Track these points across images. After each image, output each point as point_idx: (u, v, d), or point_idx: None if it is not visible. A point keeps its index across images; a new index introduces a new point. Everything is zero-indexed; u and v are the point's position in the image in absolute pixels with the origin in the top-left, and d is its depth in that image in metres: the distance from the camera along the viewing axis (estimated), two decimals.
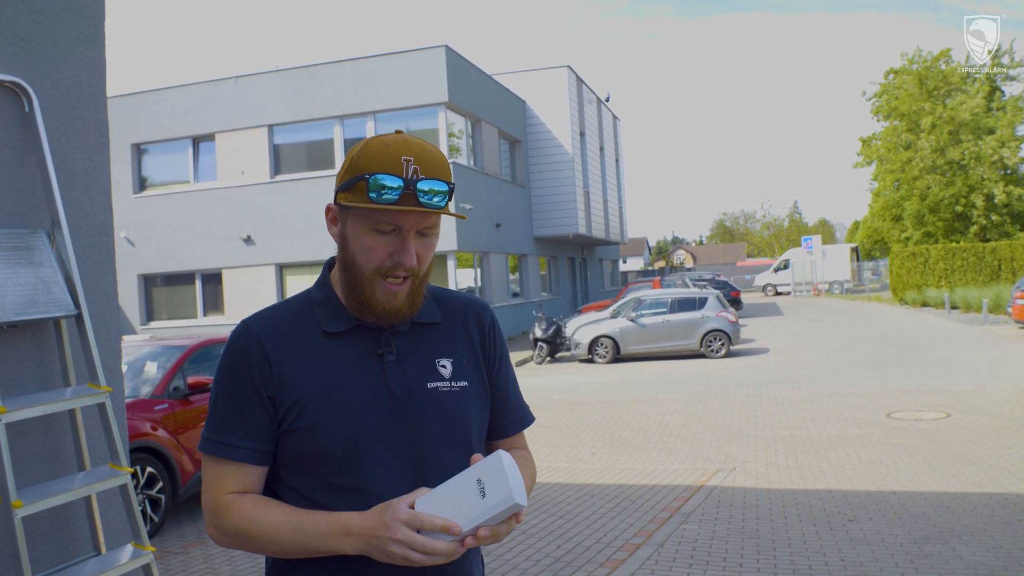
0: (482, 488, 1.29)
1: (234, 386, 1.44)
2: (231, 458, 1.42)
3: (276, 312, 1.50)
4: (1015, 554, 4.87)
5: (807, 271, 44.18)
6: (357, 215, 1.42)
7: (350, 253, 1.44)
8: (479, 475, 1.30)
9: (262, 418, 1.42)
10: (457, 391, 1.51)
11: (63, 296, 3.24)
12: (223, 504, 1.42)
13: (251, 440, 1.42)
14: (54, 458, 3.28)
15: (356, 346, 1.46)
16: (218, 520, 1.43)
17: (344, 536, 1.33)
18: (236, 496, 1.42)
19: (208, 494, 1.45)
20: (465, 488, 1.30)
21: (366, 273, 1.42)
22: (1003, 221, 39.20)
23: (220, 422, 1.44)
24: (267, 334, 1.45)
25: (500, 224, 24.00)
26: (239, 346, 1.45)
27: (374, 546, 1.31)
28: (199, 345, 7.65)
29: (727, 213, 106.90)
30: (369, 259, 1.42)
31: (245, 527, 1.40)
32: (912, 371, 13.35)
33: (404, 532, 1.27)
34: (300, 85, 21.69)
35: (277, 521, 1.38)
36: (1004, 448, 7.68)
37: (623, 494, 6.93)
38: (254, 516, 1.39)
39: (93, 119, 3.57)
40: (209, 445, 1.44)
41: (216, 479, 1.44)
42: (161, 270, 22.80)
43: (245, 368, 1.43)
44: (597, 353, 17.98)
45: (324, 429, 1.40)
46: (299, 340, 1.45)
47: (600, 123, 33.88)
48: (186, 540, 6.36)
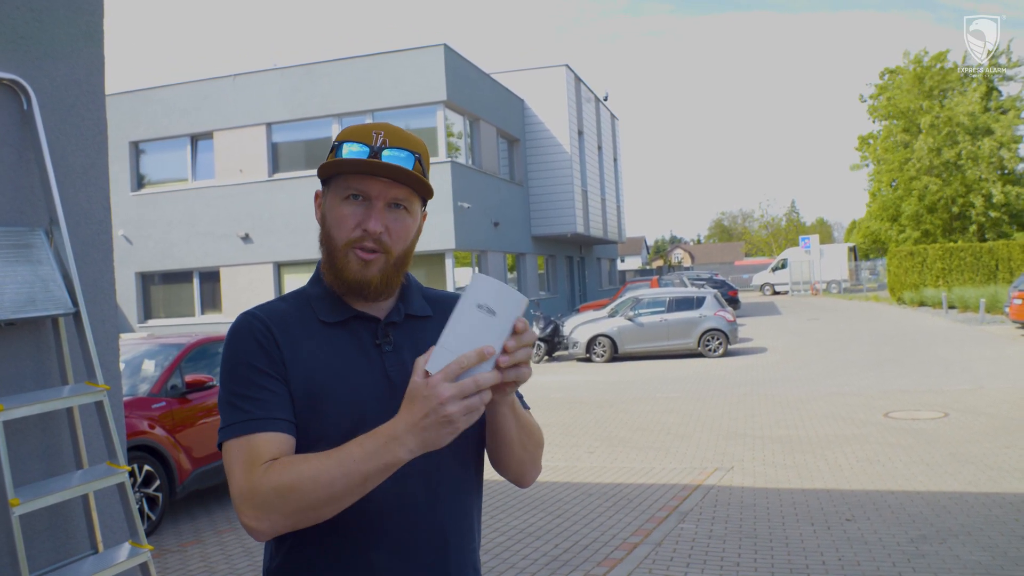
0: (487, 309, 1.25)
1: (249, 365, 1.40)
2: (265, 430, 1.35)
3: (275, 305, 1.51)
4: (1012, 553, 4.88)
5: (805, 270, 44.24)
6: (333, 190, 1.47)
7: (327, 228, 1.48)
8: (476, 300, 1.26)
9: (283, 392, 1.40)
10: None
11: (61, 294, 3.24)
12: (256, 477, 1.31)
13: (282, 411, 1.38)
14: (51, 456, 3.27)
15: (354, 336, 1.48)
16: (253, 496, 1.31)
17: (393, 441, 1.26)
18: (267, 465, 1.33)
19: (237, 479, 1.33)
20: (471, 319, 1.25)
21: (339, 245, 1.46)
22: (1001, 220, 39.28)
23: (242, 401, 1.38)
24: (272, 321, 1.45)
25: (498, 223, 24.01)
26: (246, 330, 1.44)
27: (429, 426, 1.24)
28: (197, 343, 7.64)
29: (725, 212, 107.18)
30: (340, 229, 1.45)
31: (288, 480, 1.29)
32: (910, 371, 13.37)
33: (449, 388, 1.22)
34: (299, 83, 21.68)
35: (319, 460, 1.29)
36: (1001, 448, 7.70)
37: (621, 493, 6.93)
38: (294, 467, 1.30)
39: (92, 117, 3.57)
40: (235, 428, 1.36)
41: (246, 457, 1.34)
42: (159, 268, 22.79)
43: (257, 349, 1.41)
44: (595, 352, 17.98)
45: (329, 416, 1.40)
46: (300, 330, 1.46)
47: (598, 122, 33.89)
48: (183, 538, 6.35)
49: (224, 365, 1.44)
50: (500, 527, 6.12)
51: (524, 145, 28.06)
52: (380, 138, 1.44)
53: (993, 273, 29.20)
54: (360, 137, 1.44)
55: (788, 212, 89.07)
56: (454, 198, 20.41)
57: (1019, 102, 39.43)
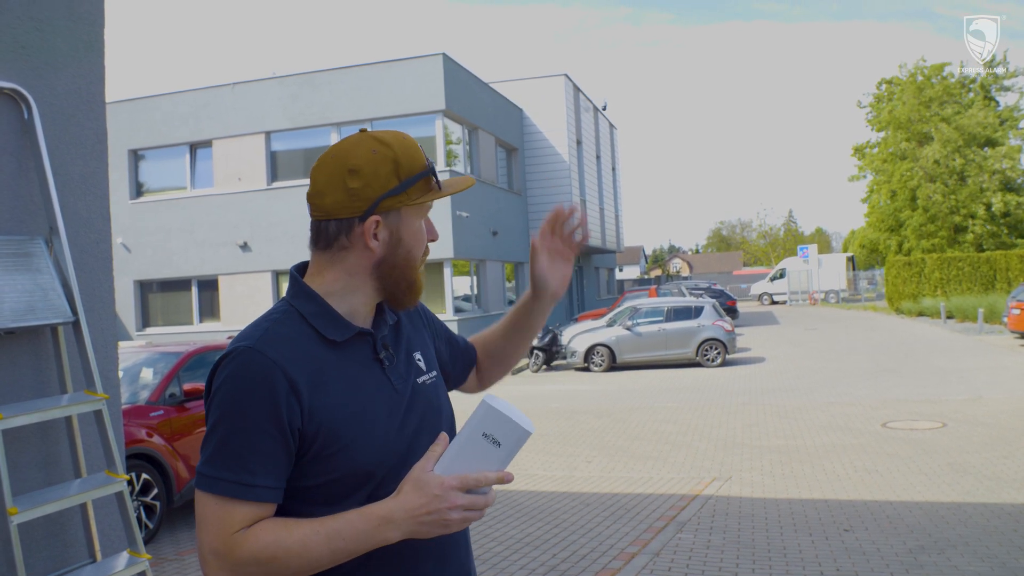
0: (492, 439, 1.30)
1: (253, 421, 1.30)
2: (250, 499, 1.29)
3: (277, 332, 1.38)
4: (1011, 564, 4.88)
5: (803, 280, 44.29)
6: (412, 210, 1.46)
7: (405, 249, 1.46)
8: (482, 429, 1.30)
9: (281, 454, 1.32)
10: (434, 381, 1.57)
11: (60, 303, 3.25)
12: (234, 540, 1.28)
13: (271, 478, 1.31)
14: (50, 465, 3.27)
15: (357, 355, 1.45)
16: (227, 558, 1.28)
17: (386, 524, 1.28)
18: (246, 529, 1.29)
19: (211, 536, 1.29)
20: (476, 446, 1.31)
21: (417, 262, 1.49)
22: (1000, 231, 39.38)
23: (233, 459, 1.29)
24: (286, 360, 1.33)
25: (497, 232, 24.03)
26: (260, 376, 1.31)
27: (427, 522, 1.27)
28: (195, 352, 7.64)
29: (723, 222, 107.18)
30: (420, 245, 1.48)
31: (271, 551, 1.27)
32: (908, 381, 13.37)
33: (463, 497, 1.28)
34: (298, 92, 21.72)
35: (304, 534, 1.28)
36: (999, 458, 7.70)
37: (619, 503, 6.93)
38: (276, 538, 1.28)
39: (92, 126, 3.58)
40: (220, 485, 1.29)
41: (223, 520, 1.29)
42: (157, 276, 22.78)
43: (269, 401, 1.30)
44: (593, 362, 17.98)
45: (358, 446, 1.36)
46: (311, 359, 1.37)
47: (597, 131, 33.97)
48: (181, 547, 6.34)
49: (227, 403, 1.32)
50: (498, 536, 6.11)
51: (523, 154, 28.12)
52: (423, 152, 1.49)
53: (991, 283, 29.23)
54: (421, 155, 1.47)
55: (786, 222, 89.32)
56: (452, 207, 20.43)
57: (1017, 112, 39.57)
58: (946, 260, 30.33)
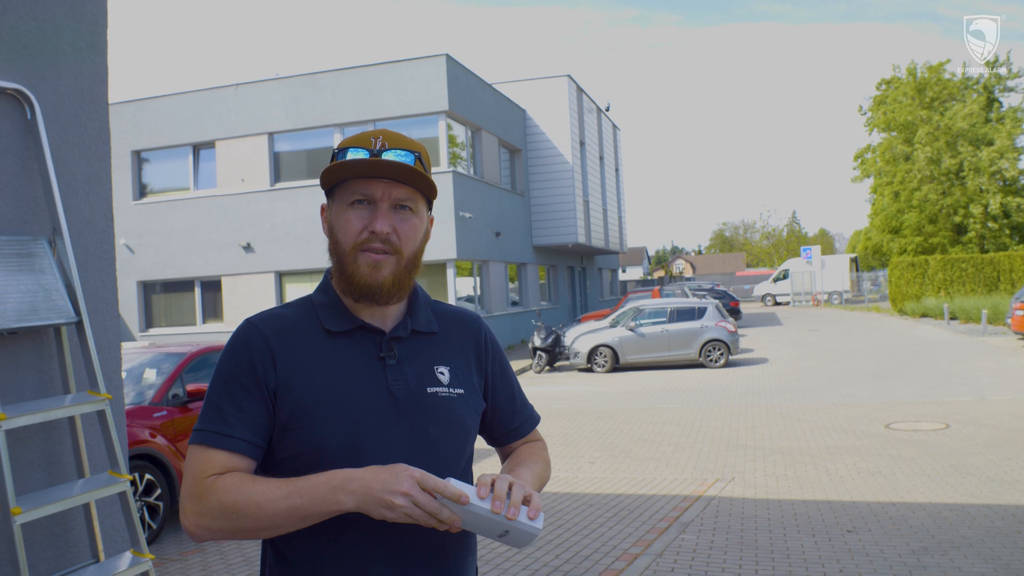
0: (505, 534, 1.36)
1: (234, 379, 1.42)
2: (223, 447, 1.38)
3: (280, 312, 1.51)
4: (1014, 566, 4.87)
5: (806, 281, 44.19)
6: (338, 198, 1.48)
7: (335, 236, 1.49)
8: (506, 527, 1.34)
9: (260, 412, 1.41)
10: (455, 397, 1.53)
11: (63, 303, 3.25)
12: (205, 485, 1.36)
13: (247, 432, 1.40)
14: (53, 465, 3.28)
15: (358, 348, 1.48)
16: (200, 502, 1.35)
17: (343, 488, 1.31)
18: (218, 475, 1.37)
19: (189, 481, 1.38)
20: (490, 523, 1.33)
21: (347, 249, 1.46)
22: (1000, 232, 39.29)
23: (215, 412, 1.41)
24: (272, 331, 1.46)
25: (500, 233, 24.03)
26: (242, 340, 1.45)
27: (375, 498, 1.29)
28: (198, 353, 7.65)
29: (726, 223, 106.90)
30: (347, 233, 1.46)
31: (231, 500, 1.33)
32: (911, 382, 13.35)
33: (414, 487, 1.28)
34: (300, 93, 21.74)
35: (266, 487, 1.33)
36: (1003, 459, 7.68)
37: (621, 504, 6.92)
38: (240, 488, 1.33)
39: (95, 127, 3.59)
40: (200, 435, 1.40)
41: (200, 465, 1.38)
42: (160, 277, 22.81)
43: (247, 361, 1.42)
44: (596, 362, 17.97)
45: (327, 427, 1.40)
46: (303, 339, 1.46)
47: (600, 132, 33.95)
48: (184, 548, 6.34)
49: (216, 368, 1.47)
50: None
51: (526, 155, 28.11)
52: (379, 141, 1.46)
53: (994, 284, 29.19)
54: (360, 143, 1.47)
55: (789, 223, 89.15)
56: (456, 208, 20.44)
57: (1020, 112, 39.47)
58: (949, 261, 30.27)
